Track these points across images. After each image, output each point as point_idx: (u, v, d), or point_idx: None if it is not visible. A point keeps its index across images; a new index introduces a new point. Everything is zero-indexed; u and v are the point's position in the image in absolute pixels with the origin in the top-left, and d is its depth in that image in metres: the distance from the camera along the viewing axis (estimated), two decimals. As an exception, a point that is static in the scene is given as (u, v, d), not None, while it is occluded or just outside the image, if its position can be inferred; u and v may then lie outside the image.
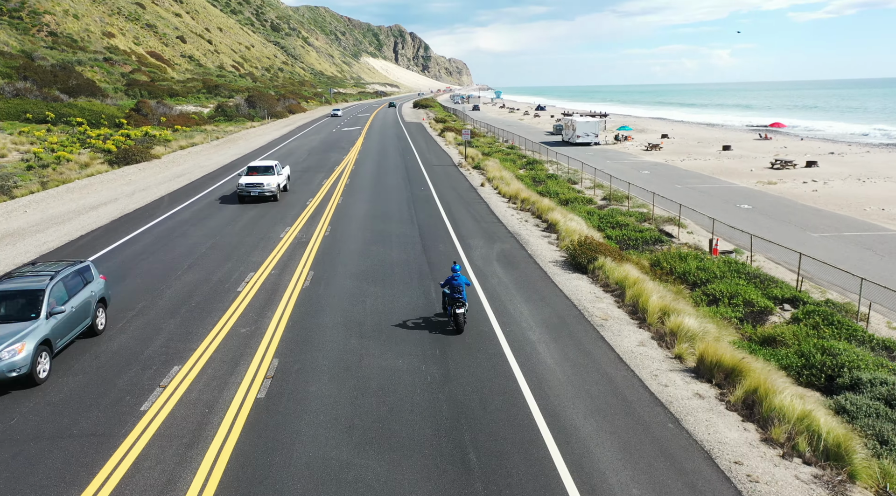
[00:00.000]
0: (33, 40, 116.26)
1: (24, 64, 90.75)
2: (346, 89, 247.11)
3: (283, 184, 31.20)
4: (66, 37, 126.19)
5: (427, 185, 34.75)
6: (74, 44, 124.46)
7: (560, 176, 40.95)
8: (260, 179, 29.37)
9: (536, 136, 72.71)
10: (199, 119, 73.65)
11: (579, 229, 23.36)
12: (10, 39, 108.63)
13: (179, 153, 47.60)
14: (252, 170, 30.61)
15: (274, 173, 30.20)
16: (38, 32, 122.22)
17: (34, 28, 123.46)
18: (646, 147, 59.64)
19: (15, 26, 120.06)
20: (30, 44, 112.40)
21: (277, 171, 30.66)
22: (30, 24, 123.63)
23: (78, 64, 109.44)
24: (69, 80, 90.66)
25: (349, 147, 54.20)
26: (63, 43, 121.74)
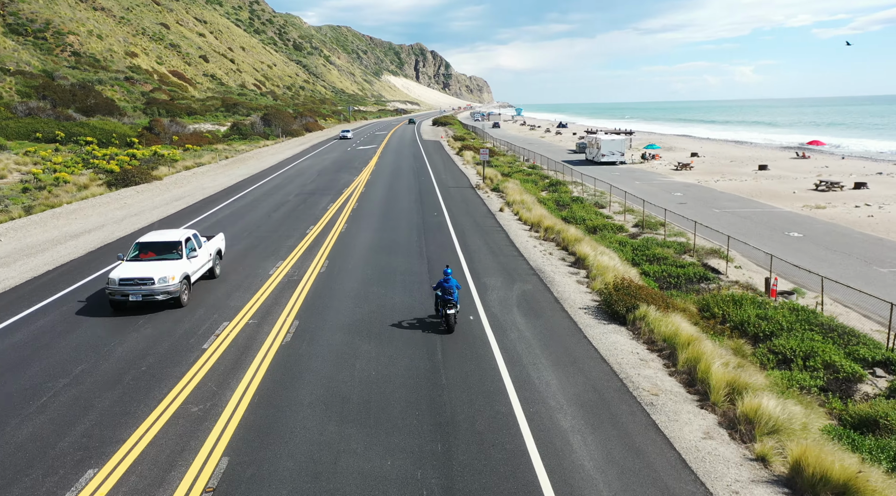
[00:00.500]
0: (56, 60, 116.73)
1: (43, 83, 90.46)
2: (366, 107, 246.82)
3: (200, 270, 18.10)
4: (88, 56, 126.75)
5: (441, 209, 31.77)
6: (97, 63, 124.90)
7: (586, 199, 37.72)
8: (149, 271, 16.12)
9: (559, 155, 69.58)
10: (213, 138, 71.90)
11: (613, 266, 20.11)
12: (33, 59, 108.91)
13: (184, 174, 45.35)
14: (142, 250, 17.32)
15: (179, 255, 17.07)
16: (61, 52, 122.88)
17: (58, 48, 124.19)
18: (675, 166, 56.15)
19: (39, 46, 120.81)
20: (52, 63, 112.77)
21: (188, 252, 17.44)
22: (54, 45, 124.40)
23: (98, 83, 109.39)
24: (87, 99, 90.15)
25: (362, 167, 51.60)
26: (85, 62, 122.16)
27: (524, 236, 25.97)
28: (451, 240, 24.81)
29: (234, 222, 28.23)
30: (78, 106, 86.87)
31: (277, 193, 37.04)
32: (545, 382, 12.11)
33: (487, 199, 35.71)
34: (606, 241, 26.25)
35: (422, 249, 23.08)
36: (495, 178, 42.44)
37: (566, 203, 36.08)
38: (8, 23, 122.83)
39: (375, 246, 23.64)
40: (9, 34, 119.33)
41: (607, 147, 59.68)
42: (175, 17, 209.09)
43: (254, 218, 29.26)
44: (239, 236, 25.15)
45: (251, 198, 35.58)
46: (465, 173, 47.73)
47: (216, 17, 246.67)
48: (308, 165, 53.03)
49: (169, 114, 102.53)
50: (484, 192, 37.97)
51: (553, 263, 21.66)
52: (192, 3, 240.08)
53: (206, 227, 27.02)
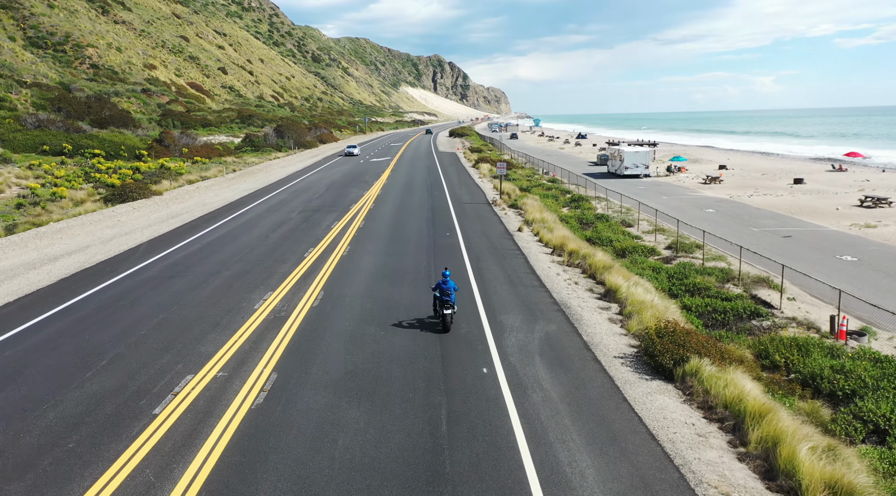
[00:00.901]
0: (74, 72, 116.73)
1: (59, 95, 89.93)
2: (383, 118, 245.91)
3: None
4: (107, 69, 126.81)
5: (454, 229, 29.08)
6: (115, 75, 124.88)
7: (611, 216, 34.81)
8: None
9: (579, 167, 66.68)
10: (224, 150, 70.13)
11: (650, 300, 17.24)
12: (51, 72, 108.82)
13: (187, 188, 43.24)
14: None
15: None
16: (80, 65, 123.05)
17: (77, 61, 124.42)
18: (704, 180, 52.96)
19: (58, 59, 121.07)
20: (70, 76, 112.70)
21: None
22: (73, 57, 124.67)
23: (115, 95, 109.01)
24: (102, 111, 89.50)
25: (373, 180, 49.15)
26: (104, 74, 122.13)
27: (545, 261, 23.16)
28: (464, 265, 22.09)
29: (227, 244, 25.80)
30: (93, 118, 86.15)
31: (280, 210, 34.66)
32: (579, 472, 9.30)
33: (505, 216, 32.96)
34: (638, 266, 23.36)
35: (430, 277, 20.38)
36: (513, 193, 39.71)
37: (590, 221, 33.22)
38: (28, 36, 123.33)
39: (379, 273, 21.00)
40: (29, 47, 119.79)
41: (631, 159, 56.71)
42: (195, 29, 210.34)
43: (250, 239, 26.81)
44: (229, 261, 22.67)
45: (252, 215, 33.22)
46: (481, 188, 45.04)
47: (236, 29, 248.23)
48: (317, 179, 50.71)
49: (184, 125, 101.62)
50: (501, 208, 35.24)
51: (580, 295, 18.83)
52: (212, 17, 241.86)
53: (191, 253, 24.61)
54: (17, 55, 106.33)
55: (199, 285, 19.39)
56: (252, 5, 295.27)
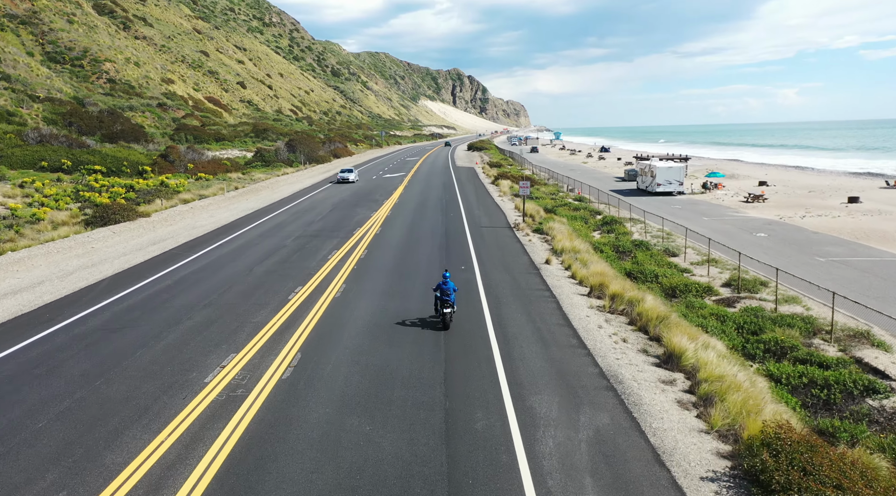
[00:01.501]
0: (90, 87, 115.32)
1: (71, 110, 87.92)
2: (401, 131, 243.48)
3: None
4: (124, 83, 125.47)
5: (470, 260, 24.72)
6: (131, 90, 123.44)
7: (651, 243, 30.22)
8: None
9: (605, 183, 62.06)
10: (232, 165, 66.75)
11: (732, 376, 12.70)
12: (66, 86, 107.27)
13: (180, 209, 39.50)
14: None
15: None
16: (97, 79, 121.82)
17: (94, 75, 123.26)
18: (745, 198, 48.05)
19: (75, 74, 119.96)
20: (86, 90, 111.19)
21: None
22: (90, 72, 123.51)
23: (130, 109, 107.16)
24: (114, 126, 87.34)
25: (383, 199, 45.01)
26: (120, 89, 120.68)
27: (582, 306, 18.68)
28: (481, 313, 17.72)
29: (202, 280, 21.74)
30: (104, 132, 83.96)
31: (276, 235, 30.63)
32: None
33: (529, 243, 28.50)
34: (696, 313, 18.79)
35: (438, 332, 16.02)
36: (537, 215, 35.29)
37: (627, 249, 28.65)
38: (47, 51, 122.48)
39: (376, 324, 16.69)
40: (46, 62, 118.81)
41: (663, 175, 52.01)
42: (215, 44, 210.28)
43: (231, 273, 22.73)
44: (197, 305, 18.54)
45: (243, 241, 29.22)
46: (501, 208, 40.64)
47: (256, 44, 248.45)
48: (324, 197, 46.73)
49: (196, 140, 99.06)
50: (524, 233, 30.80)
51: (632, 361, 14.32)
52: (233, 32, 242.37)
53: (156, 293, 20.54)
54: (31, 70, 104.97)
55: (146, 343, 15.24)
56: (273, 21, 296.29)
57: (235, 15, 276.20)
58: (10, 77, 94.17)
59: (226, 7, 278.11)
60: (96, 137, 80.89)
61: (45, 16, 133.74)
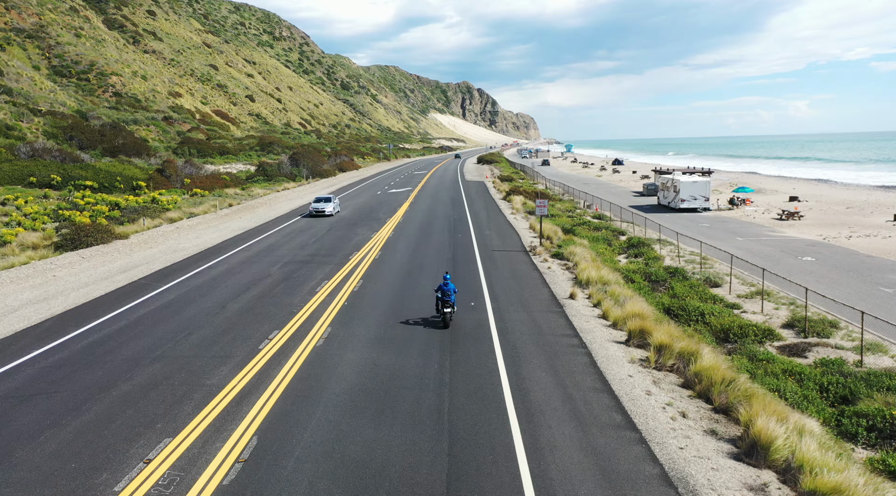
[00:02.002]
0: (95, 100, 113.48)
1: (72, 123, 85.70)
2: (411, 144, 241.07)
3: None
4: (130, 96, 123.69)
5: (481, 294, 21.05)
6: (137, 103, 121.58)
7: (687, 270, 26.41)
8: None
9: (623, 199, 58.29)
10: (231, 180, 63.64)
11: (851, 487, 8.95)
12: (69, 100, 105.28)
13: (164, 229, 36.16)
14: None
15: None
16: (103, 93, 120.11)
17: (100, 89, 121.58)
18: (779, 215, 44.11)
19: (81, 87, 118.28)
20: (91, 104, 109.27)
21: None
22: (96, 85, 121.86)
23: (134, 123, 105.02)
24: (116, 139, 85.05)
25: (387, 217, 41.47)
26: (126, 103, 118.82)
27: (621, 360, 14.94)
28: (496, 371, 14.04)
29: (161, 322, 18.22)
30: (105, 146, 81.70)
31: (262, 260, 27.14)
32: None
33: (548, 271, 24.79)
34: (763, 367, 15.02)
35: (441, 402, 12.34)
36: (555, 236, 31.60)
37: (661, 278, 24.88)
38: (53, 65, 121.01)
39: (362, 389, 13.03)
40: (52, 76, 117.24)
41: (688, 190, 48.19)
42: (225, 58, 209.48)
43: (198, 311, 19.20)
44: (143, 359, 14.98)
45: (224, 267, 25.75)
46: (514, 227, 36.95)
47: (265, 58, 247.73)
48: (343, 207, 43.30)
49: (200, 154, 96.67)
50: (542, 259, 27.08)
51: (702, 452, 10.54)
52: (243, 46, 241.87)
53: (100, 340, 17.00)
54: (35, 83, 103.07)
55: (59, 420, 11.65)
56: (283, 35, 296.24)
57: (246, 29, 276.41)
58: (12, 90, 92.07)
59: (236, 22, 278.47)
60: (97, 151, 78.41)
61: (52, 30, 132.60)
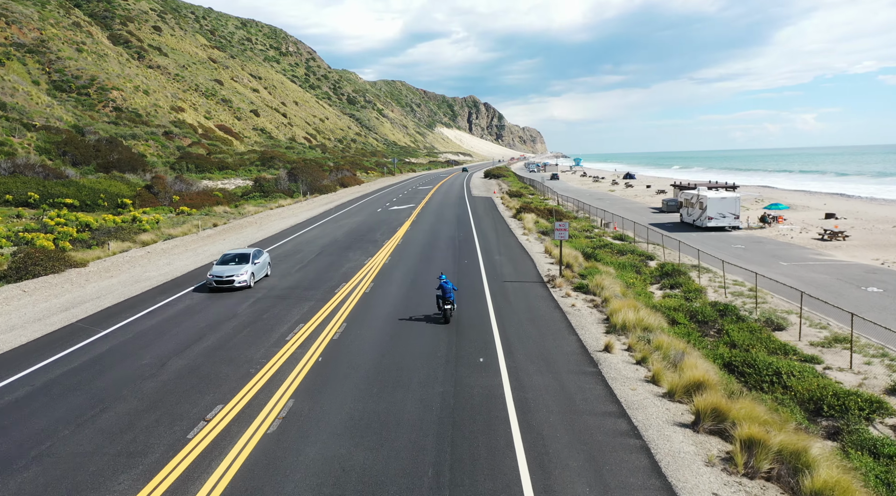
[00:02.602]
0: (94, 115, 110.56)
1: (66, 138, 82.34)
2: (417, 158, 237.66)
3: None
4: (130, 111, 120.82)
5: (492, 343, 16.59)
6: (138, 118, 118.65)
7: (738, 306, 21.86)
8: None
9: (641, 215, 53.80)
10: (224, 196, 59.64)
11: None
12: (66, 115, 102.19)
13: (133, 254, 31.95)
14: None
15: None
16: (103, 107, 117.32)
17: (100, 103, 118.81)
18: (820, 235, 39.50)
19: (81, 102, 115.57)
20: (90, 119, 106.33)
21: None
22: (96, 100, 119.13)
23: (132, 137, 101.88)
24: (111, 155, 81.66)
25: (385, 238, 37.10)
26: (126, 117, 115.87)
27: (693, 459, 10.42)
28: (515, 480, 9.59)
29: (70, 391, 13.86)
30: (100, 161, 78.37)
31: (231, 296, 22.82)
32: None
33: (573, 310, 20.31)
34: (884, 471, 10.47)
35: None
36: (576, 262, 27.12)
37: (708, 317, 20.37)
38: (53, 79, 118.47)
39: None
40: (52, 91, 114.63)
41: (716, 207, 43.67)
42: (230, 73, 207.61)
43: (125, 374, 14.81)
44: (14, 461, 10.61)
45: (183, 305, 21.43)
46: (527, 251, 32.47)
47: (271, 73, 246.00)
48: (314, 236, 38.92)
49: (199, 169, 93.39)
50: (563, 292, 22.61)
51: None
52: (249, 61, 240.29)
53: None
54: (31, 98, 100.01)
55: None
56: (290, 50, 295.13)
57: (252, 45, 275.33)
58: (6, 105, 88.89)
59: (243, 37, 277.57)
60: (90, 167, 75.09)
61: (53, 44, 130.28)
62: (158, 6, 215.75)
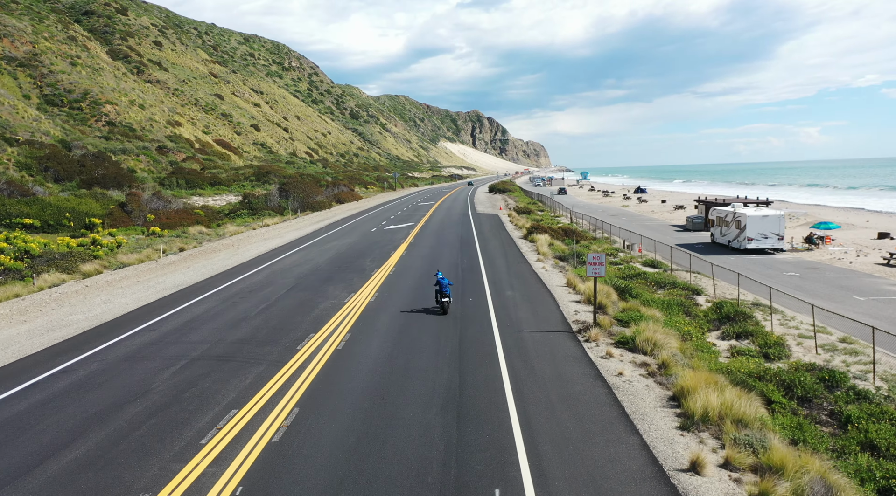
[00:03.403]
0: (85, 129, 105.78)
1: (50, 153, 77.25)
2: (420, 173, 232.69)
3: None
4: (124, 126, 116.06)
5: (512, 451, 10.66)
6: (132, 132, 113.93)
7: (842, 370, 15.90)
8: None
9: (664, 234, 47.93)
10: (207, 215, 54.10)
11: None
12: (54, 129, 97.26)
13: (67, 288, 26.15)
14: None
15: None
16: (95, 122, 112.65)
17: (93, 118, 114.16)
18: (885, 259, 33.51)
19: (73, 116, 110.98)
20: (79, 133, 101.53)
21: None
22: (88, 114, 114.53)
23: (123, 152, 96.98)
24: (96, 170, 76.67)
25: (375, 266, 31.25)
26: (119, 132, 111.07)
27: None
28: None
29: None
30: (83, 177, 73.45)
31: (160, 352, 16.98)
32: None
33: (624, 386, 14.35)
34: None
35: None
36: (608, 301, 21.22)
37: (810, 390, 14.39)
38: (44, 94, 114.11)
39: None
40: (43, 105, 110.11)
41: (756, 227, 37.79)
42: (232, 88, 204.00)
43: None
44: None
45: (85, 372, 15.61)
46: (545, 283, 26.50)
47: (273, 87, 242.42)
48: (293, 263, 33.08)
49: (189, 185, 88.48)
50: (602, 351, 16.70)
51: None
52: (251, 76, 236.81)
53: None
54: (17, 112, 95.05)
55: None
56: (292, 65, 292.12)
57: (255, 60, 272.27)
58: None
59: (246, 53, 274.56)
60: (73, 183, 70.11)
61: (45, 58, 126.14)
62: (160, 22, 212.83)
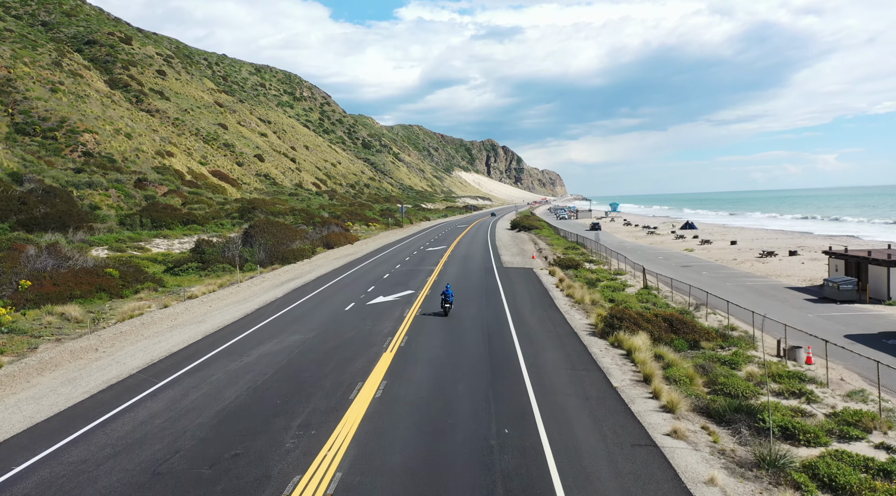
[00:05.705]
0: (55, 161, 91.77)
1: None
2: (433, 204, 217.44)
3: None
4: (102, 157, 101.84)
5: None
6: (111, 164, 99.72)
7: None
8: None
9: (785, 306, 31.18)
10: (122, 275, 38.47)
11: None
12: (11, 161, 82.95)
13: None
14: None
15: None
16: (70, 152, 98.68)
17: (67, 148, 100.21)
18: None
19: (45, 146, 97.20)
20: (45, 165, 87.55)
21: None
22: (63, 144, 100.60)
23: (88, 186, 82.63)
24: (37, 209, 62.26)
25: (325, 424, 14.81)
26: (95, 163, 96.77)
27: None
28: None
29: None
30: (22, 217, 59.13)
31: None
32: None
33: None
34: None
35: None
36: None
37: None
38: (16, 122, 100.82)
39: None
40: (13, 134, 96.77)
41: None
42: (237, 117, 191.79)
43: None
44: None
45: None
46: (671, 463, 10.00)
47: (282, 117, 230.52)
48: (160, 425, 16.80)
49: (155, 224, 73.82)
50: None
51: None
52: (259, 105, 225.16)
53: None
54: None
55: None
56: (304, 95, 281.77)
57: (266, 90, 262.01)
58: (-78, 149, 70.23)
59: (256, 83, 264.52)
60: (6, 225, 55.44)
61: (20, 84, 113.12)
62: (168, 52, 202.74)
